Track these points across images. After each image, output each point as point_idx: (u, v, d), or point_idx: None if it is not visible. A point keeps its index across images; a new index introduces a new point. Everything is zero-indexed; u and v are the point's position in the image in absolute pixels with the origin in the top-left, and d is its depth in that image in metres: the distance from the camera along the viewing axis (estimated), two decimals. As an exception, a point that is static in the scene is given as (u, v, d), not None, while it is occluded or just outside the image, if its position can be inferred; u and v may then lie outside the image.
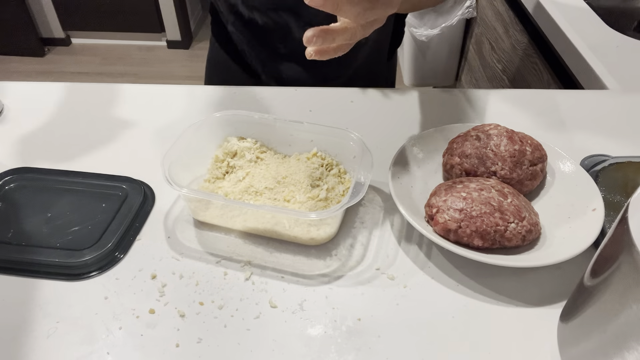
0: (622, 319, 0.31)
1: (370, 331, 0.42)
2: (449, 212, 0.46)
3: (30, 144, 0.62)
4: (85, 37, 2.86)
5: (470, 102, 0.71)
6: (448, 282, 0.46)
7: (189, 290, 0.45)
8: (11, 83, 0.73)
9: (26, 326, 0.42)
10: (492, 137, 0.52)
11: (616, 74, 0.76)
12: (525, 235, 0.45)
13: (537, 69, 1.05)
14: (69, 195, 0.53)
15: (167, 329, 0.42)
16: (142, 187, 0.54)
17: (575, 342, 0.37)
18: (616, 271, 0.31)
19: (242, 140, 0.57)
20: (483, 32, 1.43)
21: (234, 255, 0.48)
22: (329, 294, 0.45)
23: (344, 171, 0.54)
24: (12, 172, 0.56)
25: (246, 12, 0.73)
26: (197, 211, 0.50)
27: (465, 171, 0.52)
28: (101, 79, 2.56)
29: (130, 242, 0.49)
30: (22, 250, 0.47)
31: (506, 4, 1.22)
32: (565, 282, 0.45)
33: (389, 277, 0.46)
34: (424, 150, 0.56)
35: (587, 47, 0.82)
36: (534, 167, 0.51)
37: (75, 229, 0.49)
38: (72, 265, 0.46)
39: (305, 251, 0.49)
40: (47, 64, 2.76)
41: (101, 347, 0.40)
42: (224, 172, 0.55)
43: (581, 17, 0.92)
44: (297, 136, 0.56)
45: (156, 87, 0.74)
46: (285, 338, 0.41)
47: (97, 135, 0.64)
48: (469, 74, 1.60)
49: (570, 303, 0.40)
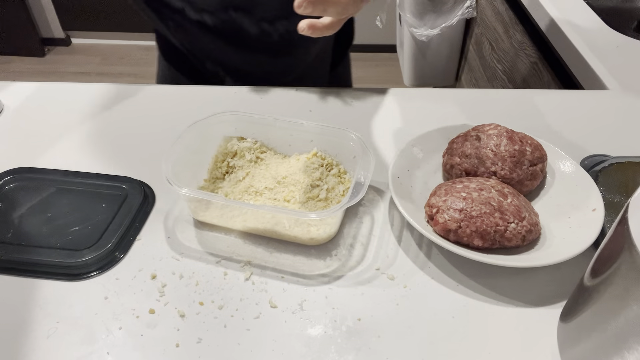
0: (622, 319, 0.31)
1: (370, 331, 0.42)
2: (449, 212, 0.46)
3: (30, 144, 0.62)
4: (85, 37, 2.86)
5: (470, 102, 0.71)
6: (448, 282, 0.46)
7: (189, 290, 0.45)
8: (11, 83, 0.73)
9: (26, 326, 0.42)
10: (492, 137, 0.52)
11: (616, 74, 0.76)
12: (525, 235, 0.45)
13: (537, 69, 1.05)
14: (69, 195, 0.53)
15: (167, 329, 0.42)
16: (142, 187, 0.54)
17: (575, 342, 0.37)
18: (616, 271, 0.31)
19: (242, 140, 0.57)
20: (483, 32, 1.43)
21: (234, 255, 0.48)
22: (328, 294, 0.45)
23: (344, 171, 0.54)
24: (12, 172, 0.56)
25: (195, 15, 0.71)
26: (197, 211, 0.50)
27: (465, 171, 0.52)
28: (101, 79, 2.56)
29: (130, 242, 0.49)
30: (22, 250, 0.47)
31: (506, 4, 1.22)
32: (565, 282, 0.45)
33: (389, 277, 0.46)
34: (424, 150, 0.56)
35: (587, 47, 0.82)
36: (534, 167, 0.51)
37: (75, 229, 0.49)
38: (72, 265, 0.46)
39: (305, 251, 0.49)
40: (47, 64, 2.76)
41: (101, 347, 0.40)
42: (224, 172, 0.55)
43: (581, 17, 0.92)
44: (297, 136, 0.56)
45: (156, 87, 0.74)
46: (285, 338, 0.41)
47: (97, 135, 0.64)
48: (469, 74, 1.60)
49: (570, 303, 0.40)
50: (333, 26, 0.44)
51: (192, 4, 0.70)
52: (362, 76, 2.77)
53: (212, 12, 0.71)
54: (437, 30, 1.55)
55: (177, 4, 0.71)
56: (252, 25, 0.72)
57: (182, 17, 0.72)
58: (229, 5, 0.70)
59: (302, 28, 0.42)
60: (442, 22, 1.54)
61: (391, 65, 2.80)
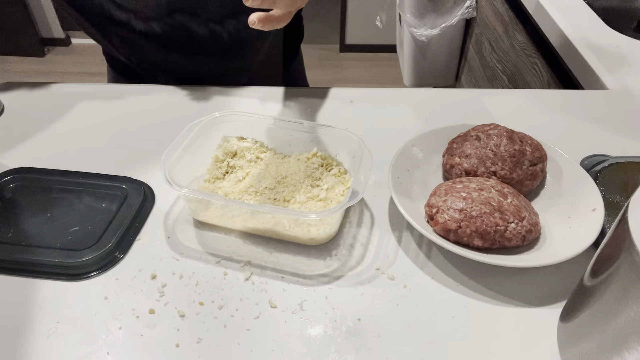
0: (622, 319, 0.31)
1: (370, 331, 0.42)
2: (448, 212, 0.46)
3: (30, 144, 0.62)
4: (85, 37, 2.85)
5: (470, 102, 0.71)
6: (448, 282, 0.46)
7: (189, 290, 0.45)
8: (11, 83, 0.73)
9: (26, 326, 0.42)
10: (492, 137, 0.52)
11: (616, 74, 0.76)
12: (525, 235, 0.45)
13: (537, 69, 1.05)
14: (69, 195, 0.53)
15: (167, 329, 0.42)
16: (142, 187, 0.54)
17: (575, 342, 0.37)
18: (616, 271, 0.31)
19: (242, 140, 0.57)
20: (483, 32, 1.43)
21: (234, 255, 0.48)
22: (328, 294, 0.45)
23: (344, 171, 0.54)
24: (12, 172, 0.56)
25: (141, 26, 0.70)
26: (197, 211, 0.50)
27: (465, 171, 0.52)
28: (101, 79, 2.55)
29: (130, 242, 0.49)
30: (22, 250, 0.47)
31: (506, 4, 1.22)
32: (565, 282, 0.45)
33: (389, 277, 0.46)
34: (424, 150, 0.56)
35: (587, 47, 0.82)
36: (534, 167, 0.51)
37: (75, 229, 0.49)
38: (72, 265, 0.46)
39: (305, 251, 0.49)
40: (47, 64, 2.76)
41: (101, 347, 0.40)
42: (224, 172, 0.55)
43: (581, 17, 0.92)
44: (297, 136, 0.56)
45: (156, 87, 0.74)
46: (285, 338, 0.41)
47: (97, 135, 0.64)
48: (469, 74, 1.60)
49: (570, 303, 0.40)
50: (283, 18, 0.44)
51: (137, 14, 0.69)
52: (362, 76, 2.77)
53: (159, 19, 0.70)
54: (437, 30, 1.55)
55: (122, 17, 0.69)
56: (200, 27, 0.71)
57: (127, 31, 0.71)
58: (175, 10, 0.69)
59: (252, 21, 0.43)
60: (442, 22, 1.54)
61: (391, 65, 2.81)
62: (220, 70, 0.78)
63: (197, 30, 0.71)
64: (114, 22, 0.70)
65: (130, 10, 0.68)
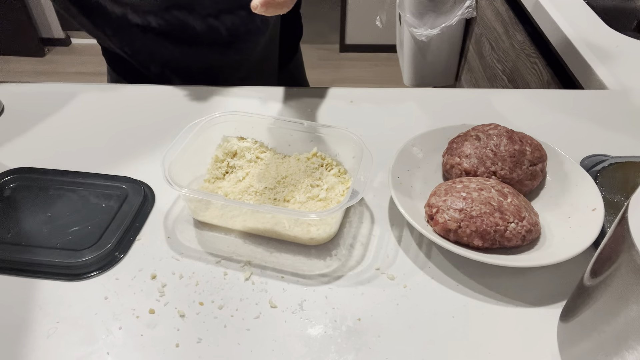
0: (622, 319, 0.31)
1: (370, 331, 0.42)
2: (448, 212, 0.46)
3: (30, 144, 0.62)
4: (85, 37, 2.86)
5: (470, 102, 0.71)
6: (448, 282, 0.46)
7: (189, 290, 0.45)
8: (11, 83, 0.73)
9: (26, 326, 0.42)
10: (492, 137, 0.52)
11: (616, 74, 0.76)
12: (525, 235, 0.45)
13: (537, 69, 1.05)
14: (69, 195, 0.53)
15: (167, 329, 0.42)
16: (142, 187, 0.54)
17: (575, 342, 0.37)
18: (616, 271, 0.31)
19: (242, 140, 0.57)
20: (483, 32, 1.43)
21: (234, 255, 0.48)
22: (328, 294, 0.45)
23: (344, 171, 0.54)
24: (12, 172, 0.56)
25: (137, 19, 0.70)
26: (197, 211, 0.50)
27: (465, 171, 0.52)
28: (101, 79, 2.55)
29: (130, 242, 0.49)
30: (22, 250, 0.47)
31: (506, 4, 1.22)
32: (565, 282, 0.45)
33: (389, 277, 0.46)
34: (424, 150, 0.56)
35: (587, 47, 0.82)
36: (534, 167, 0.51)
37: (75, 229, 0.49)
38: (72, 265, 0.46)
39: (305, 251, 0.49)
40: (47, 64, 2.76)
41: (101, 347, 0.40)
42: (224, 172, 0.55)
43: (581, 17, 0.92)
44: (297, 136, 0.56)
45: (156, 87, 0.74)
46: (285, 338, 0.41)
47: (97, 135, 0.64)
48: (469, 74, 1.60)
49: (570, 303, 0.40)
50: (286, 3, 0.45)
51: (134, 7, 0.69)
52: (362, 76, 2.78)
53: (155, 14, 0.69)
54: (437, 30, 1.55)
55: (118, 11, 0.69)
56: (197, 21, 0.71)
57: (122, 23, 0.70)
58: (172, 5, 0.69)
59: (254, 6, 0.43)
60: (442, 22, 1.54)
61: (391, 65, 2.81)
62: (217, 63, 0.78)
63: (193, 25, 0.71)
64: (108, 15, 0.70)
65: (127, 3, 0.68)
